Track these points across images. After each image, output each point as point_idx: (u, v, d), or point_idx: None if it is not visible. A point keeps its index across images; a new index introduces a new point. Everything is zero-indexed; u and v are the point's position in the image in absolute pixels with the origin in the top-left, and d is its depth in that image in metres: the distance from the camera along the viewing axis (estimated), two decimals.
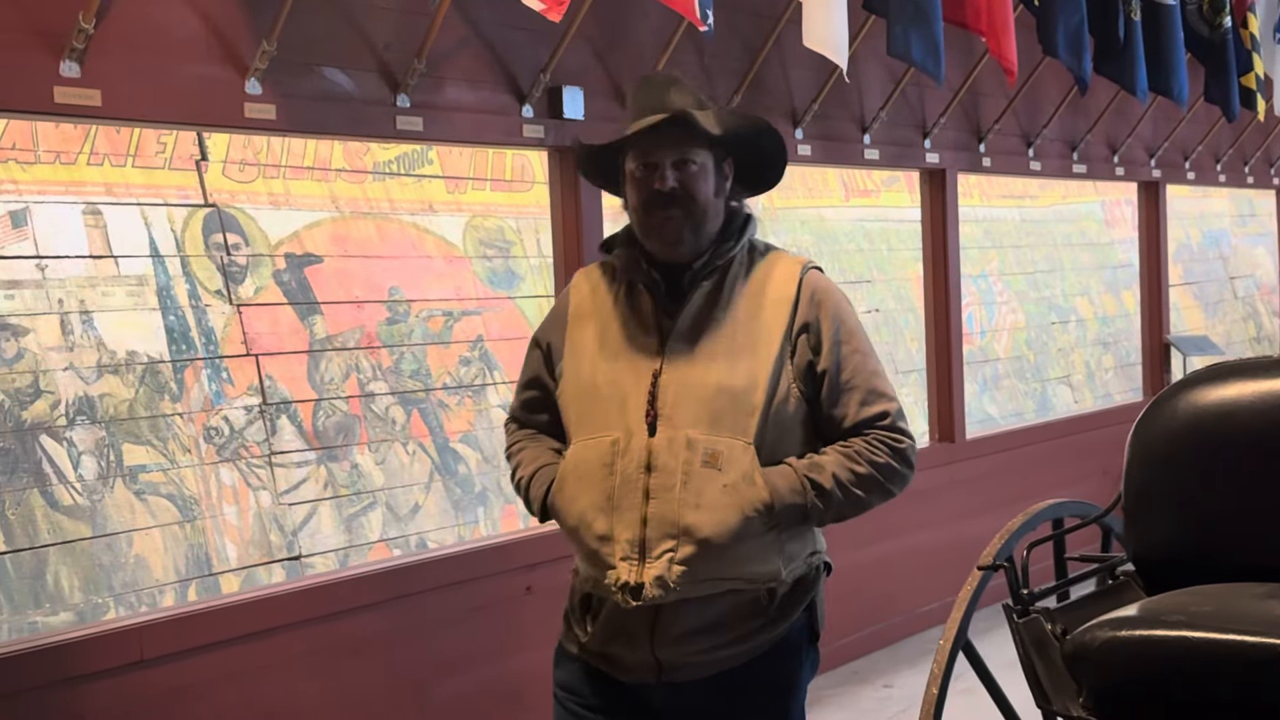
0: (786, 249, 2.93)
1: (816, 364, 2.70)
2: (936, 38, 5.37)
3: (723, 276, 2.74)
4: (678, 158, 2.68)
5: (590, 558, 2.68)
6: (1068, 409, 8.31)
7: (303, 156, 4.55)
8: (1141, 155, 8.61)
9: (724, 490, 2.59)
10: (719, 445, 2.61)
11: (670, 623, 2.64)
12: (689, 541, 2.58)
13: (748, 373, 2.66)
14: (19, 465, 3.81)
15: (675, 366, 2.67)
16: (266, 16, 4.06)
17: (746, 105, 5.73)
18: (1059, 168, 7.88)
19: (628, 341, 2.74)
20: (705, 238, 2.72)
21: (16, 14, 3.60)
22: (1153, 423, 2.78)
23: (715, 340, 2.69)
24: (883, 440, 2.69)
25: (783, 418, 2.66)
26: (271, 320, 4.43)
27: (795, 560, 2.71)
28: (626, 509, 2.62)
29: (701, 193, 2.69)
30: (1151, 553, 2.72)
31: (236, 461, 4.31)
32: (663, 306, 2.73)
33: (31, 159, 3.92)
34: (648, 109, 2.70)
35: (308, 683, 4.18)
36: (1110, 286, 8.88)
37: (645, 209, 2.70)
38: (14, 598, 3.78)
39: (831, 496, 2.64)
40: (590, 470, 2.68)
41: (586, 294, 2.86)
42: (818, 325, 2.71)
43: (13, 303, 3.85)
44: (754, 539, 2.61)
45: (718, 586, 2.62)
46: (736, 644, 2.66)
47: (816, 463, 2.67)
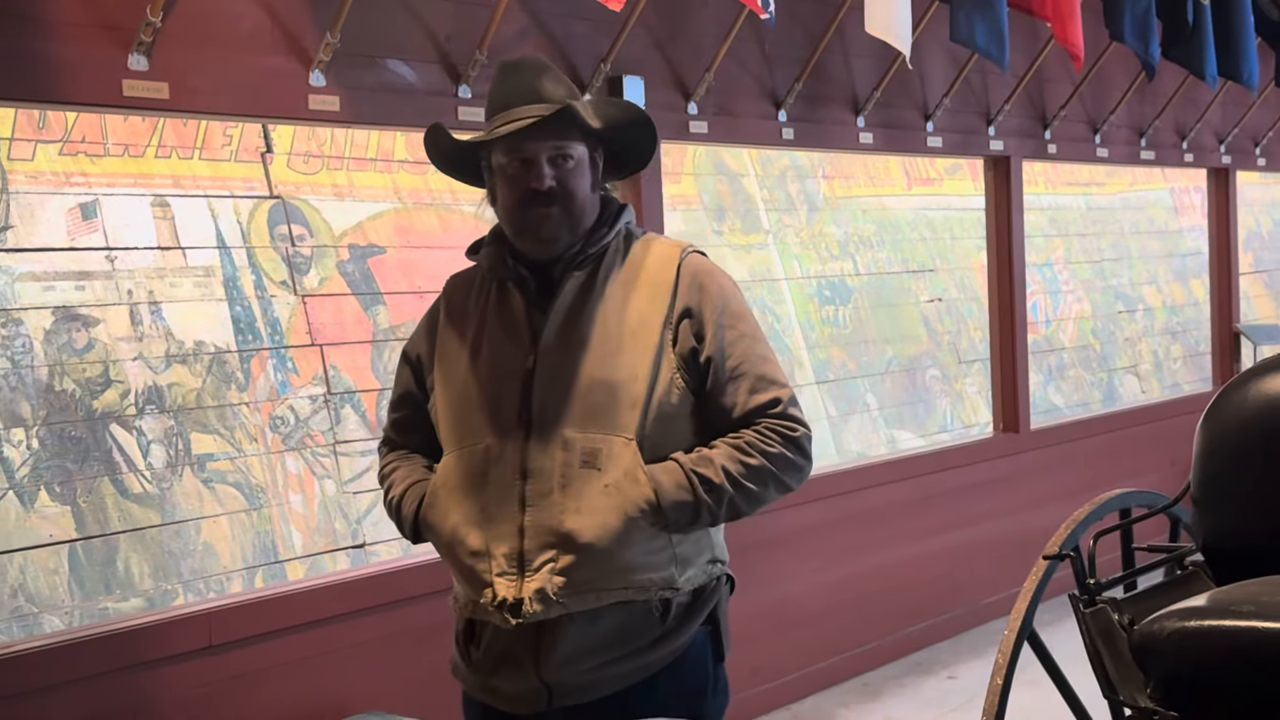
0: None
1: (700, 351, 2.52)
2: (1001, 23, 5.34)
3: (596, 266, 2.56)
4: (554, 153, 2.50)
5: (466, 576, 2.49)
6: (1135, 399, 8.23)
7: (366, 148, 4.59)
8: (1211, 141, 8.50)
9: (605, 491, 2.41)
10: (597, 443, 2.44)
11: (555, 642, 2.44)
12: (570, 549, 2.40)
13: (625, 364, 2.48)
14: (90, 454, 3.86)
15: (548, 364, 2.50)
16: (330, 9, 4.09)
17: (808, 93, 5.72)
18: (1126, 154, 7.80)
19: (499, 344, 2.56)
20: (580, 231, 2.55)
21: (85, 8, 3.64)
22: (1222, 411, 2.76)
23: (589, 333, 2.51)
24: (774, 429, 2.50)
25: (666, 410, 2.48)
26: (335, 310, 4.47)
27: (691, 566, 2.51)
28: (502, 520, 2.45)
29: (580, 190, 2.53)
30: (1221, 542, 2.70)
31: (302, 450, 4.35)
32: (533, 304, 2.55)
33: (100, 152, 3.96)
34: (516, 99, 2.51)
35: (373, 669, 4.22)
36: (1179, 275, 8.78)
37: (521, 206, 2.50)
38: (85, 584, 3.83)
39: (722, 491, 2.44)
40: (462, 482, 2.51)
41: (458, 299, 2.67)
42: (700, 310, 2.53)
43: (83, 294, 3.90)
44: (641, 543, 2.43)
45: (605, 598, 2.43)
46: (631, 659, 2.47)
47: (704, 456, 2.47)
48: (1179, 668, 2.29)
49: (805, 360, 6.15)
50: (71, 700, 3.60)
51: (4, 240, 3.76)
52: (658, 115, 5.09)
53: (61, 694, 3.58)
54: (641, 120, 2.61)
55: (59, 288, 3.85)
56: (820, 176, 6.34)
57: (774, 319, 6.03)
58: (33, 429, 3.76)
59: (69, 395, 3.84)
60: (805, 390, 6.09)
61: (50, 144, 3.87)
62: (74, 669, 3.60)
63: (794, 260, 6.18)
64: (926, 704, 5.64)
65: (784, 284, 6.11)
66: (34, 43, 3.55)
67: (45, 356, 3.80)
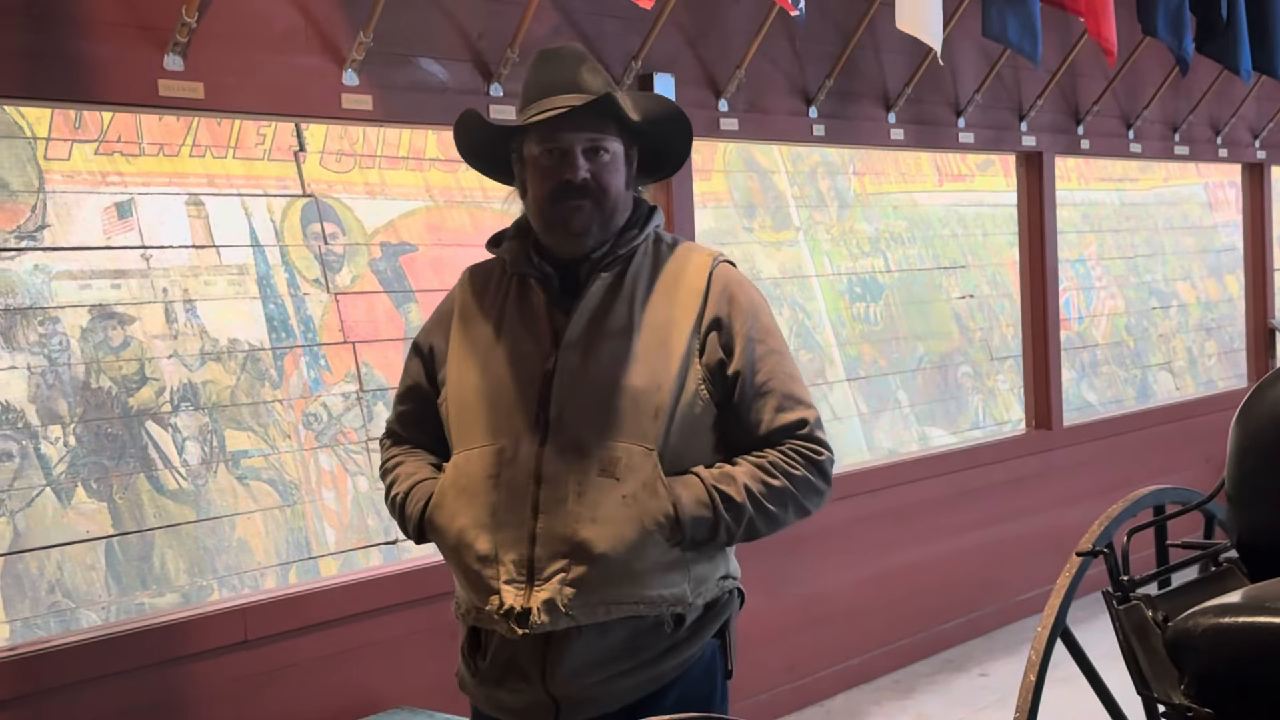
0: (702, 244, 2.68)
1: (728, 364, 2.44)
2: (1033, 18, 5.33)
3: (624, 268, 2.47)
4: (589, 145, 2.41)
5: (472, 581, 2.40)
6: (1169, 396, 8.19)
7: (398, 146, 4.60)
8: (1245, 136, 8.45)
9: (622, 502, 2.32)
10: (617, 452, 2.34)
11: (563, 654, 2.35)
12: (583, 560, 2.31)
13: (650, 372, 2.39)
14: (126, 450, 3.88)
15: (569, 366, 2.40)
16: (363, 8, 4.11)
17: (839, 90, 5.72)
18: (1160, 150, 7.76)
19: (517, 341, 2.46)
20: (611, 230, 2.46)
21: (121, 8, 3.67)
22: (1257, 408, 2.75)
23: (614, 337, 2.41)
24: (799, 451, 2.43)
25: (688, 422, 2.40)
26: (368, 308, 4.48)
27: (705, 583, 2.43)
28: (513, 526, 2.35)
29: (614, 185, 2.44)
30: (1255, 539, 2.69)
31: (335, 447, 4.37)
32: (555, 302, 2.45)
33: (136, 151, 3.98)
34: (554, 88, 2.42)
35: (405, 665, 4.24)
36: (1213, 270, 8.73)
37: (553, 199, 2.41)
38: (122, 579, 3.86)
39: (743, 510, 2.37)
40: (473, 483, 2.40)
41: (473, 293, 2.57)
42: (730, 322, 2.45)
43: (119, 292, 3.92)
44: (657, 557, 2.34)
45: (615, 611, 2.34)
46: (640, 671, 2.39)
47: (727, 473, 2.39)
48: (1214, 664, 2.28)
49: (836, 357, 6.14)
50: (108, 694, 3.63)
51: (41, 239, 3.78)
52: (688, 112, 5.09)
53: (98, 688, 3.61)
54: (678, 116, 2.53)
55: (95, 286, 3.87)
56: (851, 173, 6.34)
57: (805, 316, 6.02)
58: (70, 426, 3.78)
59: (105, 393, 3.87)
60: (836, 387, 6.09)
61: (86, 144, 3.89)
62: (110, 664, 3.63)
63: (825, 257, 6.18)
64: (958, 701, 5.63)
65: (815, 281, 6.11)
66: (70, 43, 3.58)
67: (82, 354, 3.83)
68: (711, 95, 5.24)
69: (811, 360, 6.00)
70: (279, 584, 4.17)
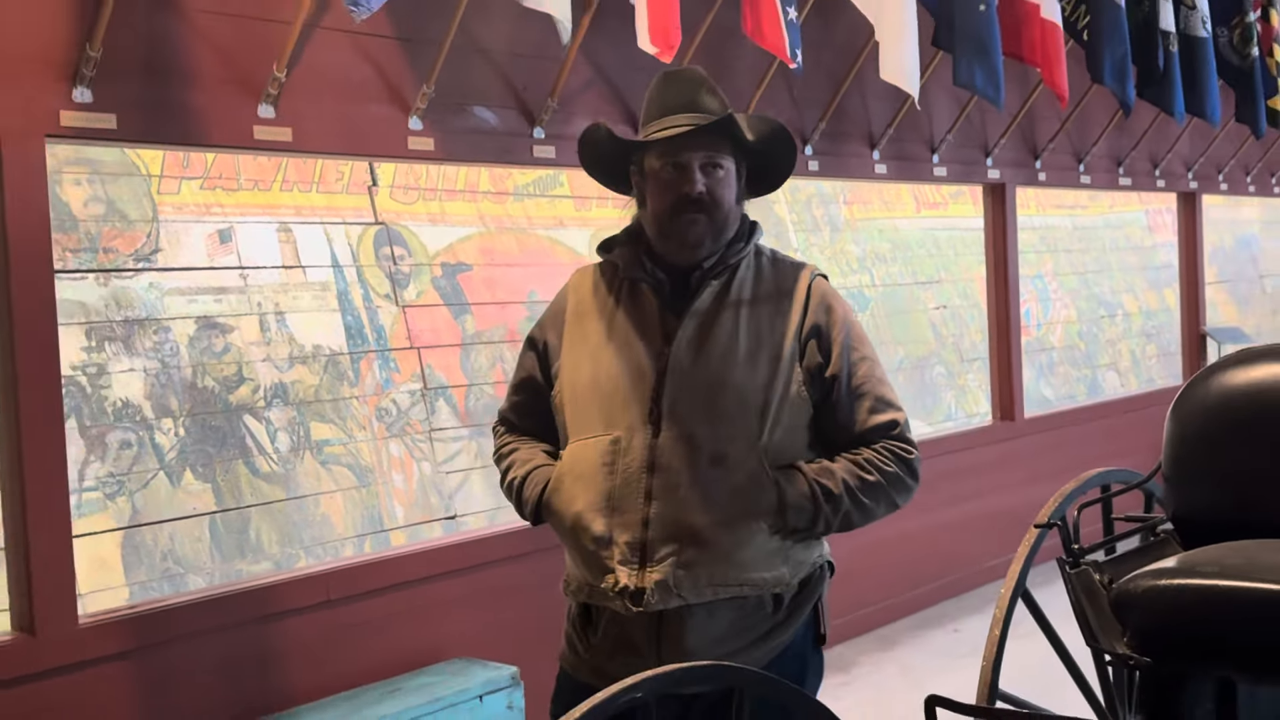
0: (795, 254, 2.61)
1: (825, 368, 2.32)
2: (997, 69, 5.31)
3: (731, 277, 2.34)
4: (706, 161, 2.30)
5: (587, 561, 2.27)
6: (1115, 392, 8.15)
7: (455, 181, 4.61)
8: (1180, 169, 8.41)
9: (731, 493, 2.21)
10: (725, 445, 2.23)
11: (677, 633, 2.22)
12: (693, 544, 2.19)
13: (755, 373, 2.27)
14: (227, 440, 3.91)
15: (680, 365, 2.28)
16: (426, 63, 4.13)
17: (830, 130, 5.71)
18: (1106, 181, 7.73)
19: (630, 339, 2.33)
20: (721, 242, 2.34)
21: (223, 65, 3.70)
22: (1189, 401, 2.74)
23: (722, 339, 2.29)
24: (892, 450, 2.34)
25: (789, 419, 2.28)
26: (430, 319, 4.50)
27: (802, 565, 2.33)
28: (627, 510, 2.22)
29: (726, 199, 2.32)
30: (1188, 513, 2.68)
31: (403, 437, 4.38)
32: (667, 306, 2.33)
33: (235, 186, 4.01)
34: (676, 107, 2.32)
35: (463, 621, 4.25)
36: (1153, 284, 8.68)
37: (672, 211, 2.30)
38: (224, 549, 3.88)
39: (840, 503, 2.27)
40: (589, 470, 2.27)
41: (587, 292, 2.43)
42: (828, 330, 2.34)
43: (221, 306, 3.94)
44: (761, 543, 2.23)
45: (722, 592, 2.22)
46: (747, 651, 2.25)
47: (826, 469, 2.29)
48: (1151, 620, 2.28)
49: None
50: (211, 646, 3.66)
51: (155, 261, 3.80)
52: None
53: (203, 641, 3.64)
54: (786, 137, 2.41)
55: (200, 301, 3.90)
56: (841, 202, 6.33)
57: None
58: (179, 419, 3.81)
59: (209, 391, 3.89)
60: None
61: (193, 180, 3.91)
62: (214, 620, 3.66)
63: None
64: (935, 653, 5.62)
65: None
66: (179, 95, 3.61)
67: (189, 359, 3.85)
68: None
69: None
70: (355, 553, 4.18)
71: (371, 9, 3.36)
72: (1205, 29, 6.89)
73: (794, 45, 4.49)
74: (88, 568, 3.53)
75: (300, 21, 3.73)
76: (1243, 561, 2.28)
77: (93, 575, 3.56)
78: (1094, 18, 6.13)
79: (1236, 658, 2.23)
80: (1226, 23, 7.36)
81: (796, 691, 2.02)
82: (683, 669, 1.90)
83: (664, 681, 1.84)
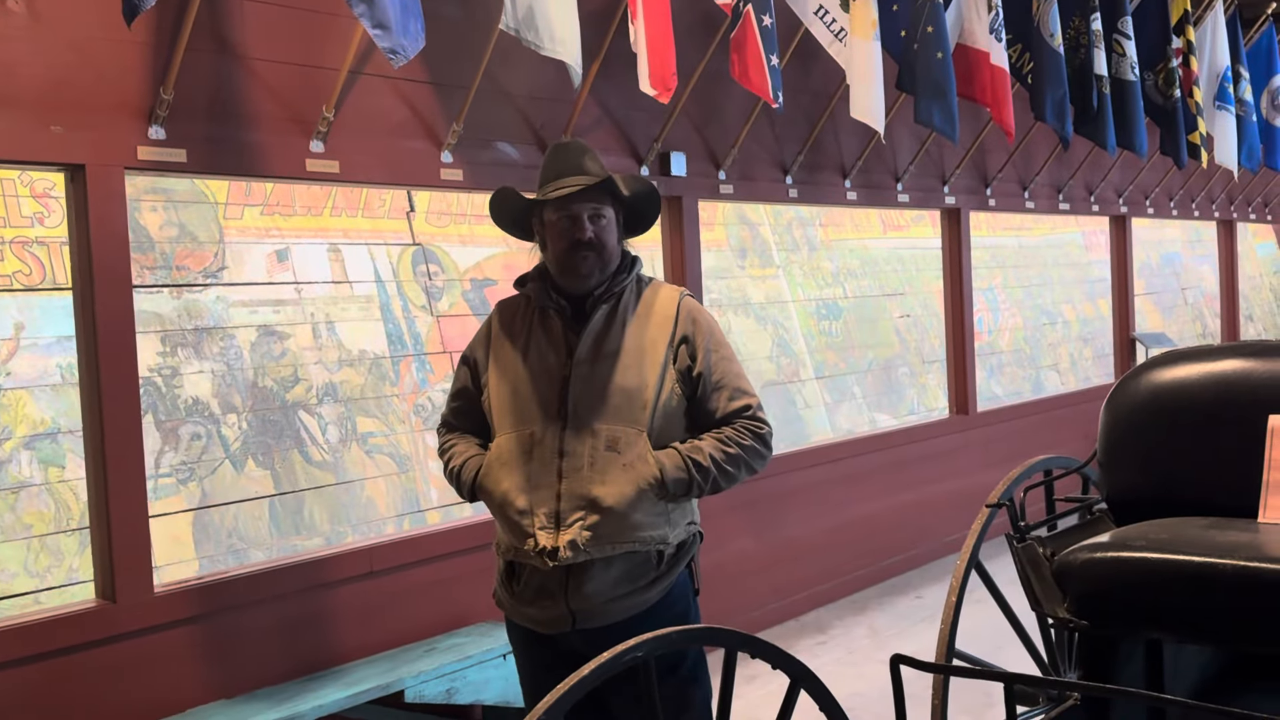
0: (663, 280, 2.71)
1: (693, 369, 2.52)
2: (952, 108, 5.30)
3: (617, 302, 2.55)
4: (593, 212, 2.50)
5: (513, 529, 2.46)
6: (1056, 389, 8.13)
7: (482, 207, 4.59)
8: (1112, 195, 8.39)
9: (623, 469, 2.40)
10: (618, 433, 2.42)
11: (580, 581, 2.42)
12: (595, 511, 2.39)
13: (639, 375, 2.47)
14: (284, 432, 3.92)
15: (581, 372, 2.47)
16: (456, 104, 4.13)
17: (808, 162, 5.70)
18: (1048, 206, 7.71)
19: (542, 354, 2.52)
20: (608, 273, 2.54)
21: (279, 107, 3.70)
22: (1121, 396, 2.72)
23: (612, 350, 2.49)
24: (747, 428, 2.51)
25: (667, 411, 2.47)
26: (461, 327, 4.50)
27: (678, 527, 2.50)
28: (543, 487, 2.42)
29: (610, 241, 2.52)
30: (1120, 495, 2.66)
31: (438, 428, 4.37)
32: (569, 327, 2.53)
33: (290, 212, 4.01)
34: (566, 171, 2.52)
35: (490, 589, 4.24)
36: (1089, 296, 8.66)
37: (567, 252, 2.50)
38: (281, 527, 3.88)
39: (709, 472, 2.45)
40: (512, 458, 2.47)
41: (507, 319, 2.63)
42: (694, 338, 2.53)
43: (279, 316, 3.95)
44: (646, 508, 2.42)
45: (618, 548, 2.41)
46: (634, 595, 2.45)
47: (695, 445, 2.48)
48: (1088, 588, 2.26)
49: (808, 361, 6.12)
50: (270, 611, 3.66)
51: (221, 277, 3.81)
52: (696, 180, 5.10)
53: (263, 607, 3.65)
54: (652, 192, 2.60)
55: (261, 312, 3.90)
56: (818, 224, 6.31)
57: (783, 331, 6.00)
58: (242, 414, 3.81)
59: (268, 390, 3.89)
60: (807, 383, 6.07)
61: (254, 207, 3.92)
62: (272, 589, 3.67)
63: (798, 287, 6.16)
64: (900, 617, 5.60)
65: (791, 305, 6.09)
66: (241, 133, 3.62)
67: (251, 362, 3.85)
68: (713, 167, 5.24)
69: (789, 363, 5.98)
70: (396, 530, 4.18)
71: (408, 56, 3.35)
72: (1134, 73, 6.88)
73: (776, 88, 4.48)
74: (162, 544, 3.53)
75: (346, 68, 3.74)
76: (1169, 537, 2.26)
77: (167, 550, 3.56)
78: (1036, 63, 6.12)
79: (1163, 621, 2.21)
80: (1152, 68, 7.34)
81: (778, 650, 2.02)
82: (677, 631, 1.90)
83: (661, 642, 1.84)
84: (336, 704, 3.41)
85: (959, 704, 3.98)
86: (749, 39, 4.39)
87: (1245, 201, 10.35)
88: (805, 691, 2.04)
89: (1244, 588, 2.05)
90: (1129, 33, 6.85)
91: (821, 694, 2.06)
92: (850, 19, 4.87)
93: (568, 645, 2.47)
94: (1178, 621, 2.19)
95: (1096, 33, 6.44)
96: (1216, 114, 7.87)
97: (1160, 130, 7.44)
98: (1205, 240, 10.33)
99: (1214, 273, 10.43)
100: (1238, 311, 10.53)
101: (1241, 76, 8.18)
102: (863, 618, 5.61)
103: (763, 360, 5.81)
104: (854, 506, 6.03)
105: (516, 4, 3.61)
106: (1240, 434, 2.43)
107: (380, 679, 3.56)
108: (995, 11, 5.61)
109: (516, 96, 4.38)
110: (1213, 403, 2.53)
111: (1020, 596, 2.71)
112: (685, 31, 4.56)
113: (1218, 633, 2.17)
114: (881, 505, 6.24)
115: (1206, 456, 2.50)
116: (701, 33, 4.85)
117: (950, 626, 2.94)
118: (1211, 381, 2.56)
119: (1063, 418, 7.72)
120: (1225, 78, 7.90)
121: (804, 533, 5.70)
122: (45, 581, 3.36)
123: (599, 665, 1.75)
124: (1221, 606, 2.09)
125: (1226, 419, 2.49)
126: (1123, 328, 8.73)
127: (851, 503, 6.01)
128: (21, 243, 3.36)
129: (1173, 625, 2.21)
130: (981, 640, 3.72)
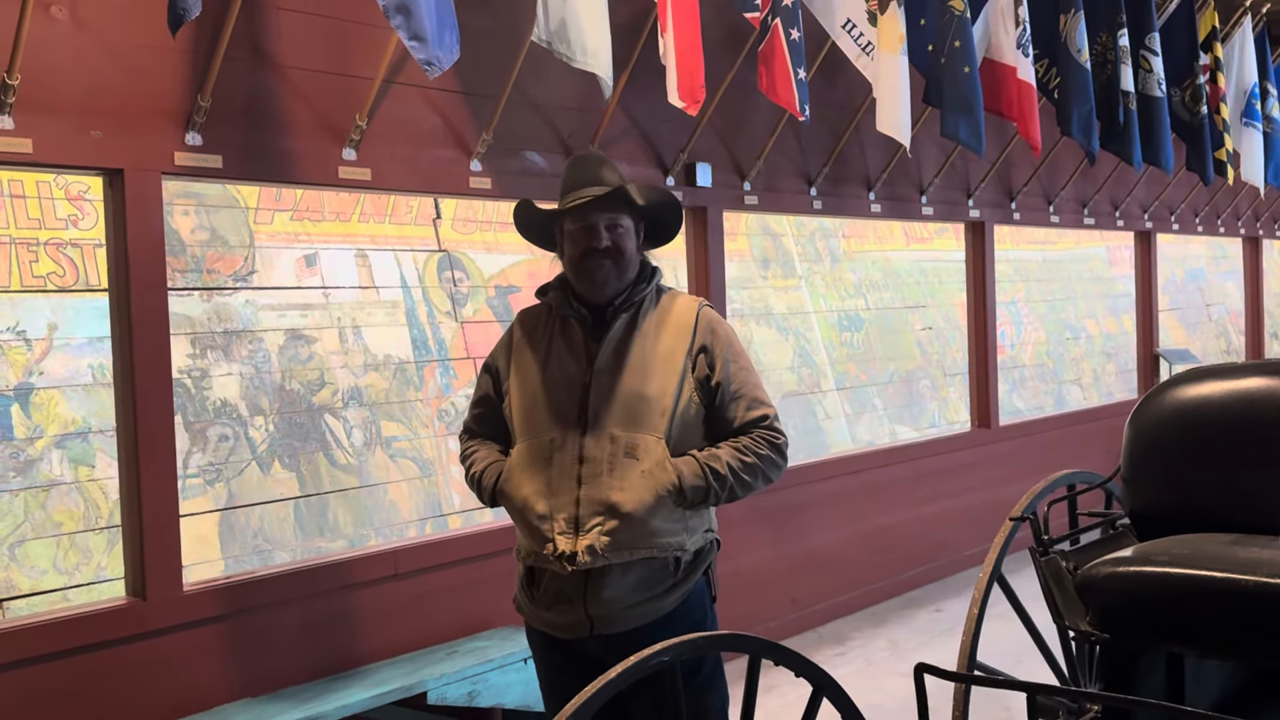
0: (682, 290, 2.74)
1: (711, 378, 2.52)
2: (979, 122, 5.32)
3: (637, 311, 2.56)
4: (610, 221, 2.52)
5: (533, 534, 2.47)
6: (1079, 404, 8.11)
7: (508, 215, 4.60)
8: (1137, 211, 8.37)
9: (642, 475, 2.41)
10: (637, 439, 2.43)
11: (599, 586, 2.42)
12: (614, 516, 2.39)
13: (659, 384, 2.48)
14: (309, 435, 3.94)
15: (601, 380, 2.48)
16: (485, 114, 4.17)
17: (833, 174, 5.73)
18: (1073, 220, 7.70)
19: (563, 362, 2.54)
20: (626, 282, 2.55)
21: (313, 115, 3.75)
22: (1145, 412, 2.74)
23: (632, 359, 2.50)
24: (764, 437, 2.51)
25: (685, 419, 2.48)
26: (485, 333, 4.51)
27: (695, 534, 2.51)
28: (563, 493, 2.43)
29: (627, 249, 2.53)
30: (1143, 510, 2.67)
31: (460, 435, 4.40)
32: (589, 335, 2.54)
33: (320, 217, 4.04)
34: (583, 182, 2.53)
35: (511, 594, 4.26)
36: (1112, 311, 8.64)
37: (583, 260, 2.51)
38: (305, 529, 3.91)
39: (726, 480, 2.46)
40: (532, 463, 2.48)
41: (529, 327, 2.64)
42: (712, 348, 2.54)
43: (306, 320, 3.98)
44: (664, 514, 2.42)
45: (636, 554, 2.42)
46: (652, 601, 2.45)
47: (713, 454, 2.48)
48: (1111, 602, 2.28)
49: (829, 372, 6.14)
50: (295, 612, 3.70)
51: (251, 281, 3.84)
52: (721, 191, 5.14)
53: (288, 608, 3.68)
54: (671, 201, 2.61)
55: (289, 315, 3.93)
56: (841, 236, 6.33)
57: (805, 342, 6.02)
58: (269, 417, 3.84)
59: (295, 393, 3.92)
60: (828, 394, 6.08)
61: (284, 212, 3.95)
62: (297, 590, 3.70)
63: (820, 298, 6.18)
64: (919, 630, 5.60)
65: (813, 316, 6.11)
66: (274, 140, 3.66)
67: (279, 365, 3.88)
68: (738, 178, 5.27)
69: (810, 374, 6.00)
70: (419, 533, 4.20)
71: (444, 67, 3.39)
72: (1160, 89, 6.87)
73: (803, 100, 4.51)
74: (189, 544, 3.57)
75: (379, 78, 3.78)
76: (1190, 552, 2.28)
77: (193, 550, 3.60)
78: (1063, 79, 6.13)
79: (1184, 635, 2.22)
80: (1179, 84, 7.34)
81: (800, 657, 2.04)
82: (704, 637, 1.93)
83: (687, 647, 1.87)
84: (359, 704, 3.44)
85: (978, 718, 3.98)
86: (777, 52, 4.43)
87: (1271, 218, 10.31)
88: (827, 700, 2.07)
89: (1266, 604, 2.07)
90: (1156, 49, 6.85)
91: (844, 702, 2.09)
92: (878, 33, 4.90)
93: (585, 650, 2.48)
94: (1199, 636, 2.21)
95: (1124, 49, 6.45)
96: (1243, 130, 7.86)
97: (1186, 146, 7.42)
98: (1230, 256, 10.28)
99: (1239, 289, 10.38)
100: (1263, 329, 10.48)
101: (1269, 93, 8.16)
102: (882, 630, 5.61)
103: (784, 371, 5.83)
104: (874, 518, 6.04)
105: (550, 16, 3.65)
106: (1264, 451, 2.45)
107: (403, 680, 3.59)
108: (1023, 27, 5.63)
109: (545, 106, 4.42)
110: (1237, 420, 2.55)
111: (1041, 610, 2.73)
112: (713, 44, 4.59)
113: (1239, 648, 2.19)
114: (901, 517, 6.24)
115: (1229, 473, 2.52)
116: (729, 45, 4.88)
117: (972, 639, 2.95)
118: (1235, 399, 2.58)
119: (1085, 433, 7.70)
120: (1253, 94, 7.89)
121: (823, 543, 5.71)
122: (73, 579, 3.40)
123: (626, 669, 1.78)
124: (1243, 622, 2.11)
125: (1250, 436, 2.50)
126: (1146, 343, 8.71)
127: (871, 514, 6.02)
128: (56, 245, 3.42)
129: (1194, 640, 2.23)
130: (1001, 654, 3.72)
